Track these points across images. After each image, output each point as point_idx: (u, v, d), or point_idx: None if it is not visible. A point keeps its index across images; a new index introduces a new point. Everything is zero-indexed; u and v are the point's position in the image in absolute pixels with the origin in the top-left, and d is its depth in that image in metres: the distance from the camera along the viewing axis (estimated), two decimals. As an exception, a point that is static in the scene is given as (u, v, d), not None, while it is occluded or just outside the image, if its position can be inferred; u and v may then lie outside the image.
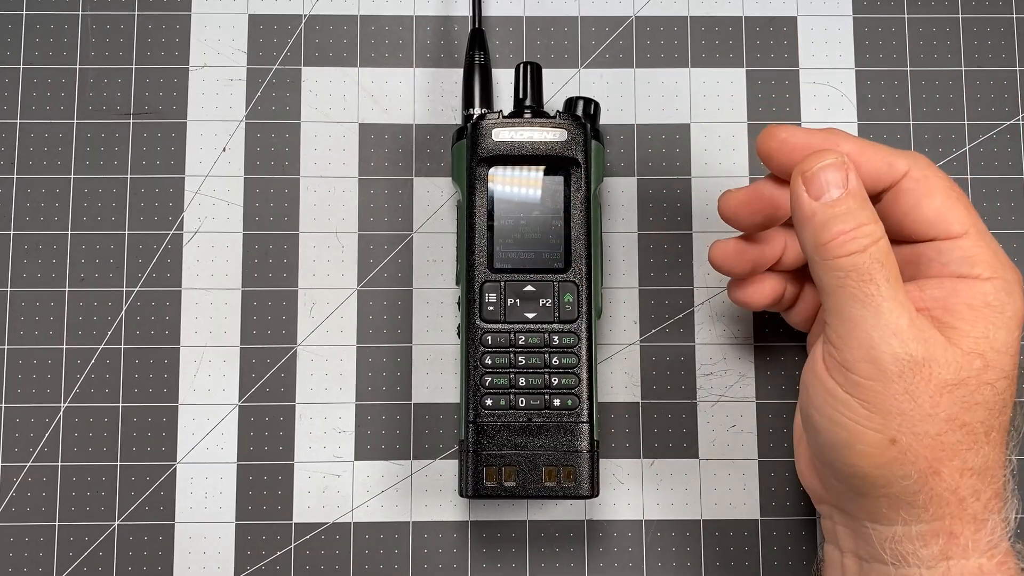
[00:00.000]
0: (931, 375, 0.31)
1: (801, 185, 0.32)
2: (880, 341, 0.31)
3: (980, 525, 0.32)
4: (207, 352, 0.42)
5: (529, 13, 0.44)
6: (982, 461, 0.32)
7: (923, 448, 0.31)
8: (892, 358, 0.31)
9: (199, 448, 0.42)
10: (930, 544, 0.32)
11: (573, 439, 0.37)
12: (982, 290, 0.33)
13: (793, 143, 0.34)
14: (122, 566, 0.41)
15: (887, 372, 0.31)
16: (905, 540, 0.32)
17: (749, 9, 0.45)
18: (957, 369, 0.31)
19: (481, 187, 0.39)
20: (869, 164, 0.34)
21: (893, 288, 0.31)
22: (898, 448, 0.31)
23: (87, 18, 0.44)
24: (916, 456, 0.31)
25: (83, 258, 0.43)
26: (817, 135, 0.34)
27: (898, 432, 0.31)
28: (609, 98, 0.44)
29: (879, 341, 0.31)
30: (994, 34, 0.44)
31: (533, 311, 0.38)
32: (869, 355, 0.31)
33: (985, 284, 0.33)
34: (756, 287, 0.38)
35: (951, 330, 0.32)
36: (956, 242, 0.33)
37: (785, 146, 0.34)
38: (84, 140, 0.43)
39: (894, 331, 0.31)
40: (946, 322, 0.32)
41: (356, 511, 0.41)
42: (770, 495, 0.42)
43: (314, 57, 0.44)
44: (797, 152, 0.34)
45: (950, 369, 0.31)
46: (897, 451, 0.31)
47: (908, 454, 0.31)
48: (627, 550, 0.41)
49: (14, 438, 0.41)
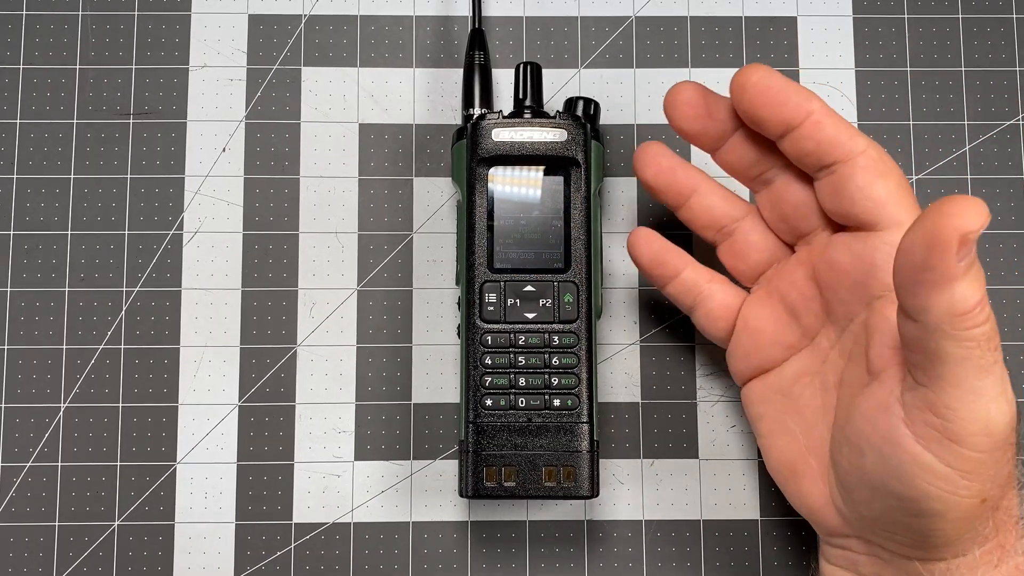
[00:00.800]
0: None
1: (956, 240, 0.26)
2: (997, 412, 0.29)
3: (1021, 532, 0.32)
4: (207, 352, 0.42)
5: (529, 13, 0.44)
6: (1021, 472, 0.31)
7: (999, 489, 0.30)
8: (1008, 426, 0.29)
9: (199, 448, 0.42)
10: (987, 566, 0.31)
11: (573, 439, 0.37)
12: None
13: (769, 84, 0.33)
14: (122, 566, 0.41)
15: (999, 442, 0.29)
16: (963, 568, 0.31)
17: (749, 9, 0.45)
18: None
19: (481, 187, 0.39)
20: (832, 128, 0.32)
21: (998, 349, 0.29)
22: (986, 505, 0.30)
23: (87, 18, 0.44)
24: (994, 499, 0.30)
25: (83, 258, 0.43)
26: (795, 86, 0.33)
27: (989, 490, 0.30)
28: (609, 98, 0.44)
29: (996, 412, 0.29)
30: (994, 34, 0.44)
31: (533, 311, 0.38)
32: (987, 428, 0.29)
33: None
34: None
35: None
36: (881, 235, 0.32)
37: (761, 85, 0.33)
38: (84, 140, 0.43)
39: (1008, 396, 0.29)
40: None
41: (356, 511, 0.41)
42: (770, 495, 0.42)
43: (314, 57, 0.44)
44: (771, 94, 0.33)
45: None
46: (985, 508, 0.30)
47: (991, 503, 0.30)
48: (627, 550, 0.41)
49: (14, 438, 0.41)
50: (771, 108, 0.33)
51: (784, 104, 0.33)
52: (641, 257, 0.38)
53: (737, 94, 0.34)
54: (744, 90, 0.33)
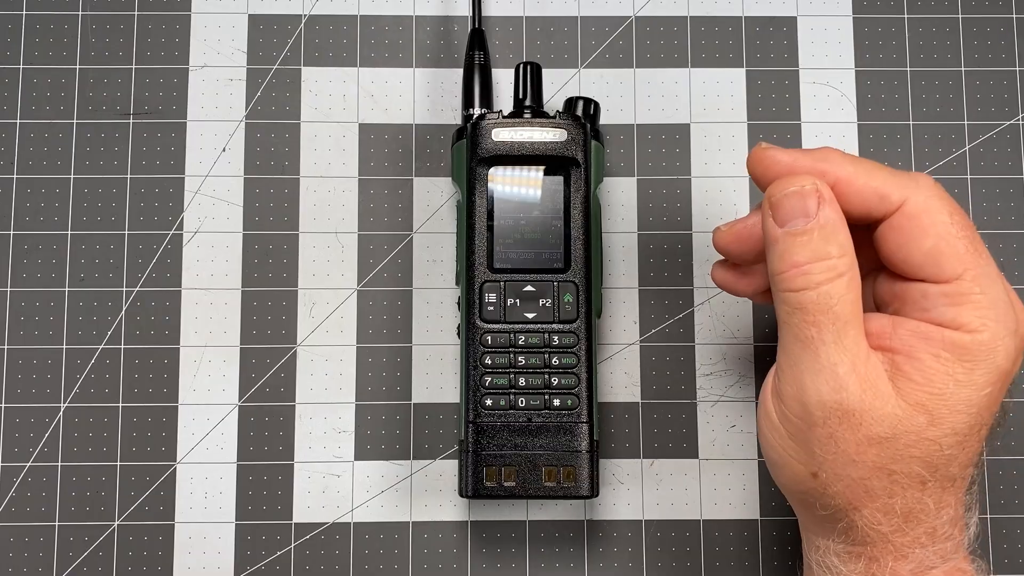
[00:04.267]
0: (860, 425, 0.30)
1: (768, 209, 0.31)
2: (810, 385, 0.30)
3: (903, 555, 0.31)
4: (207, 352, 0.42)
5: (529, 13, 0.44)
6: (910, 506, 0.31)
7: (843, 487, 0.31)
8: (819, 404, 0.30)
9: (199, 448, 0.42)
10: (850, 563, 0.32)
11: (573, 439, 0.37)
12: (957, 342, 0.30)
13: (777, 170, 0.32)
14: (122, 566, 0.41)
15: (812, 416, 0.30)
16: (831, 553, 0.32)
17: (749, 9, 0.45)
18: (893, 424, 0.30)
19: (481, 187, 0.39)
20: (857, 196, 0.31)
21: (839, 331, 0.30)
22: (819, 482, 0.31)
23: (87, 18, 0.44)
24: (836, 492, 0.31)
25: (83, 258, 0.43)
26: (803, 159, 0.32)
27: (819, 468, 0.31)
28: (609, 98, 0.44)
29: (809, 385, 0.30)
30: (994, 34, 0.44)
31: (533, 311, 0.38)
32: (799, 395, 0.31)
33: (964, 337, 0.30)
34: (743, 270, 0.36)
35: (904, 380, 0.30)
36: (943, 287, 0.31)
37: (770, 171, 0.32)
38: (84, 140, 0.43)
39: (827, 378, 0.30)
40: (903, 370, 0.30)
41: (356, 511, 0.41)
42: (770, 495, 0.42)
43: (314, 57, 0.44)
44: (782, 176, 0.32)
45: (884, 424, 0.30)
46: (818, 484, 0.31)
47: (828, 489, 0.31)
48: (627, 550, 0.41)
49: (14, 438, 0.41)
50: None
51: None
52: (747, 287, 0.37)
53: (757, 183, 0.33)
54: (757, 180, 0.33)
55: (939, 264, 0.31)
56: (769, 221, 0.31)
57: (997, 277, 0.31)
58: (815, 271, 0.30)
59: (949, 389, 0.30)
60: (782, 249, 0.31)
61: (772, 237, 0.31)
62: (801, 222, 0.30)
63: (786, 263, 0.30)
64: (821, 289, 0.30)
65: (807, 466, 0.31)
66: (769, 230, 0.31)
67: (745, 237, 0.34)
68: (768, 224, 0.31)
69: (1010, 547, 0.41)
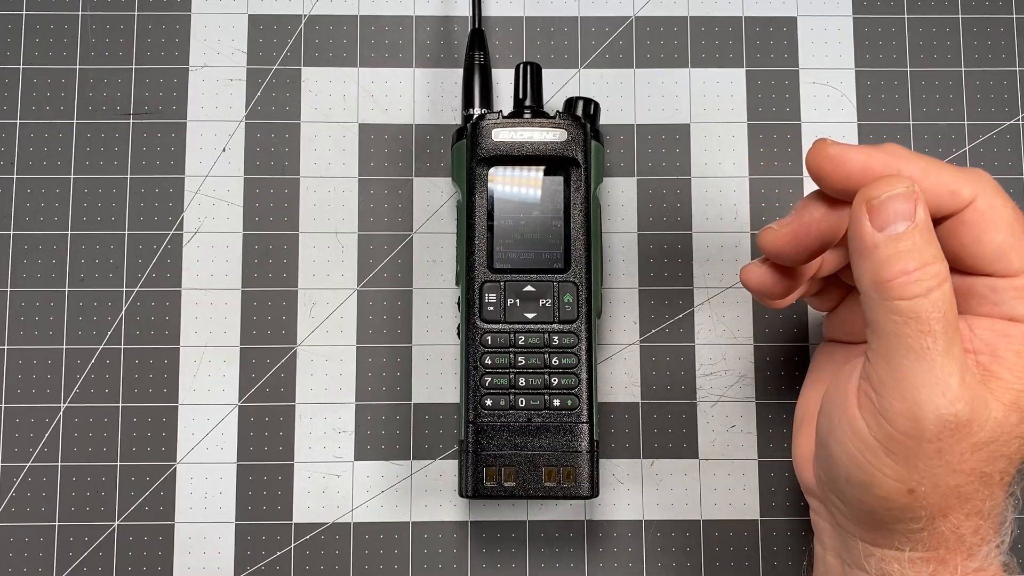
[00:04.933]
0: (968, 435, 0.29)
1: (865, 213, 0.29)
2: (927, 400, 0.29)
3: (972, 554, 0.31)
4: (207, 352, 0.42)
5: (529, 13, 0.44)
6: (991, 505, 0.31)
7: (939, 497, 0.30)
8: (936, 419, 0.29)
9: (199, 448, 0.42)
10: (919, 568, 0.31)
11: (573, 439, 0.37)
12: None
13: (850, 165, 0.31)
14: (122, 566, 0.41)
15: (926, 432, 0.29)
16: (894, 562, 0.31)
17: (749, 9, 0.45)
18: (994, 428, 0.29)
19: (481, 187, 0.39)
20: (931, 191, 0.31)
21: (950, 340, 0.29)
22: (914, 497, 0.30)
23: (87, 18, 0.44)
24: (930, 504, 0.30)
25: (83, 258, 0.43)
26: (877, 156, 0.31)
27: (919, 484, 0.30)
28: (609, 98, 0.44)
29: (926, 400, 0.29)
30: (994, 34, 0.44)
31: (533, 311, 0.38)
32: (912, 412, 0.29)
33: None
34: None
35: (995, 380, 0.30)
36: (1012, 280, 0.31)
37: (841, 169, 0.31)
38: (84, 140, 0.43)
39: (943, 390, 0.29)
40: (992, 370, 0.30)
41: (356, 511, 0.41)
42: (770, 495, 0.42)
43: (314, 57, 0.44)
44: (854, 175, 0.31)
45: (987, 428, 0.29)
46: (912, 499, 0.30)
47: (923, 502, 0.30)
48: (627, 550, 0.41)
49: (14, 438, 0.41)
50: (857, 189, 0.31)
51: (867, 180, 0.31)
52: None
53: (818, 181, 0.32)
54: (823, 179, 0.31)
55: (1008, 258, 0.31)
56: (866, 226, 0.29)
57: None
58: (926, 276, 0.29)
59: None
60: (886, 255, 0.29)
61: (871, 242, 0.29)
62: (903, 224, 0.29)
63: (895, 270, 0.29)
64: (933, 296, 0.29)
65: (904, 483, 0.30)
66: (867, 235, 0.29)
67: (803, 236, 0.32)
68: (866, 229, 0.29)
69: (1011, 547, 0.41)
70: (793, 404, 0.42)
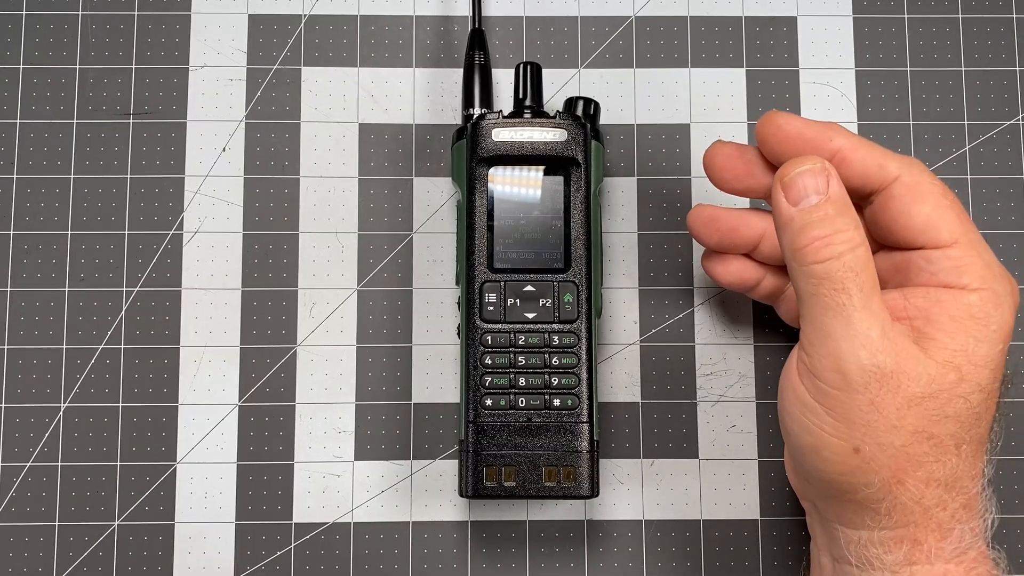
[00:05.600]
0: (899, 387, 0.31)
1: (780, 190, 0.32)
2: (848, 352, 0.31)
3: (946, 533, 0.31)
4: (207, 352, 0.42)
5: (529, 13, 0.44)
6: (949, 473, 0.31)
7: (887, 458, 0.31)
8: (859, 369, 0.31)
9: (199, 448, 0.42)
10: (893, 550, 0.32)
11: (573, 439, 0.37)
12: (967, 301, 0.32)
13: (787, 131, 0.34)
14: (122, 566, 0.41)
15: (853, 383, 0.31)
16: (870, 544, 0.32)
17: (749, 9, 0.45)
18: (928, 382, 0.31)
19: (481, 187, 0.39)
20: (860, 163, 0.33)
21: (866, 297, 0.31)
22: (861, 457, 0.31)
23: (87, 18, 0.44)
24: (880, 466, 0.31)
25: (83, 258, 0.43)
26: (812, 127, 0.34)
27: (862, 442, 0.31)
28: (609, 98, 0.44)
29: (847, 352, 0.31)
30: (994, 34, 0.44)
31: (533, 311, 0.38)
32: (836, 365, 0.31)
33: (971, 295, 0.32)
34: (723, 264, 0.38)
35: (929, 341, 0.32)
36: (945, 251, 0.33)
37: (780, 133, 0.34)
38: (84, 140, 0.43)
39: (863, 342, 0.30)
40: (926, 333, 0.32)
41: (356, 511, 0.41)
42: (770, 495, 0.42)
43: (314, 57, 0.44)
44: (790, 142, 0.33)
45: (920, 382, 0.31)
46: (860, 460, 0.31)
47: (872, 463, 0.31)
48: (627, 550, 0.41)
49: (14, 438, 0.41)
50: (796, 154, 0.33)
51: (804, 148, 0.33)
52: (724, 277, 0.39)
53: (761, 145, 0.35)
54: (764, 141, 0.34)
55: (937, 228, 0.33)
56: (783, 201, 0.32)
57: (985, 243, 0.33)
58: (836, 241, 0.31)
59: (971, 345, 0.31)
60: (800, 225, 0.31)
61: (787, 216, 0.32)
62: (815, 198, 0.31)
63: (808, 237, 0.31)
64: (845, 258, 0.31)
65: (848, 440, 0.31)
66: (783, 209, 0.32)
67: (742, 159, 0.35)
68: (782, 204, 0.32)
69: (1011, 547, 0.41)
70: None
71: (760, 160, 0.35)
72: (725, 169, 0.36)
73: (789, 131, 0.34)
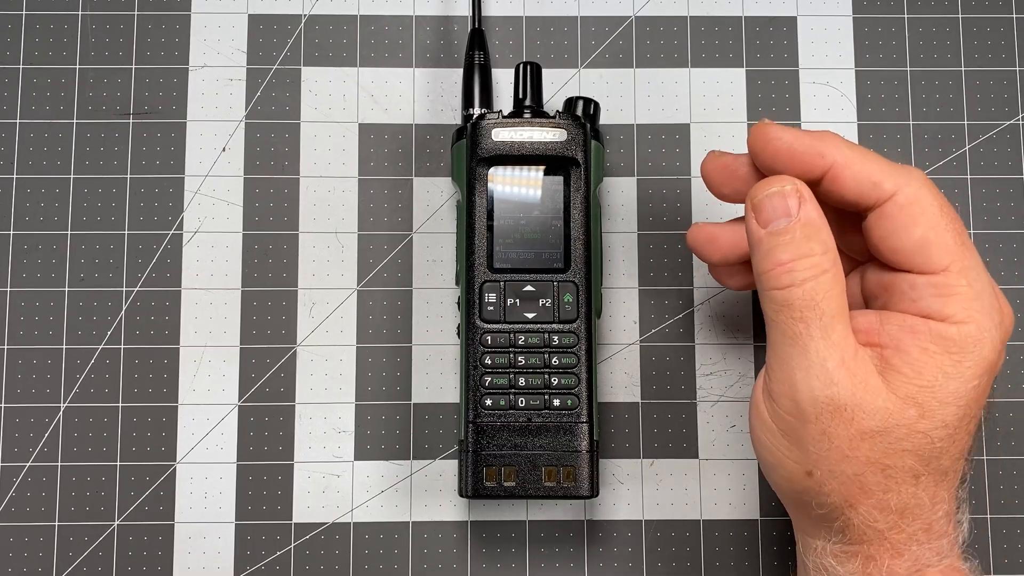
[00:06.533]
0: (852, 420, 0.30)
1: (751, 211, 0.32)
2: (801, 382, 0.30)
3: (901, 552, 0.31)
4: (207, 352, 0.42)
5: (529, 13, 0.44)
6: (905, 501, 0.31)
7: (838, 484, 0.31)
8: (811, 400, 0.30)
9: (199, 448, 0.42)
10: (847, 562, 0.32)
11: (573, 439, 0.37)
12: (944, 333, 0.30)
13: (776, 146, 0.32)
14: (122, 566, 0.41)
15: (805, 412, 0.30)
16: (825, 554, 0.32)
17: (749, 9, 0.45)
18: (884, 417, 0.30)
19: (481, 187, 0.39)
20: (853, 180, 0.32)
21: (826, 326, 0.30)
22: (814, 480, 0.31)
23: (87, 18, 0.44)
24: (831, 490, 0.31)
25: (83, 258, 0.43)
26: (803, 140, 0.32)
27: (815, 466, 0.31)
28: (609, 98, 0.44)
29: (800, 382, 0.30)
30: (994, 34, 0.44)
31: (533, 311, 0.38)
32: (791, 393, 0.31)
33: (950, 328, 0.31)
34: (730, 276, 0.38)
35: (894, 373, 0.31)
36: (930, 278, 0.31)
37: (769, 147, 0.33)
38: (84, 140, 0.43)
39: (817, 373, 0.30)
40: (893, 364, 0.31)
41: (356, 511, 0.41)
42: (770, 495, 0.42)
43: (314, 57, 0.44)
44: (779, 156, 0.32)
45: (876, 417, 0.30)
46: (813, 483, 0.31)
47: (824, 487, 0.31)
48: (627, 550, 0.41)
49: (14, 438, 0.41)
50: (786, 169, 0.32)
51: (792, 164, 0.32)
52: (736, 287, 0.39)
53: (752, 156, 0.34)
54: (755, 154, 0.33)
55: (927, 254, 0.31)
56: (752, 223, 0.32)
57: (982, 270, 0.32)
58: (799, 268, 0.30)
59: (938, 381, 0.30)
60: (766, 248, 0.31)
61: (756, 238, 0.31)
62: (783, 221, 0.31)
63: (771, 261, 0.31)
64: (807, 286, 0.30)
65: (802, 464, 0.31)
66: (753, 231, 0.32)
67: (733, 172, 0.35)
68: (752, 225, 0.32)
69: (1010, 547, 0.41)
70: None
71: (754, 170, 0.34)
72: (721, 182, 0.35)
73: (778, 145, 0.32)
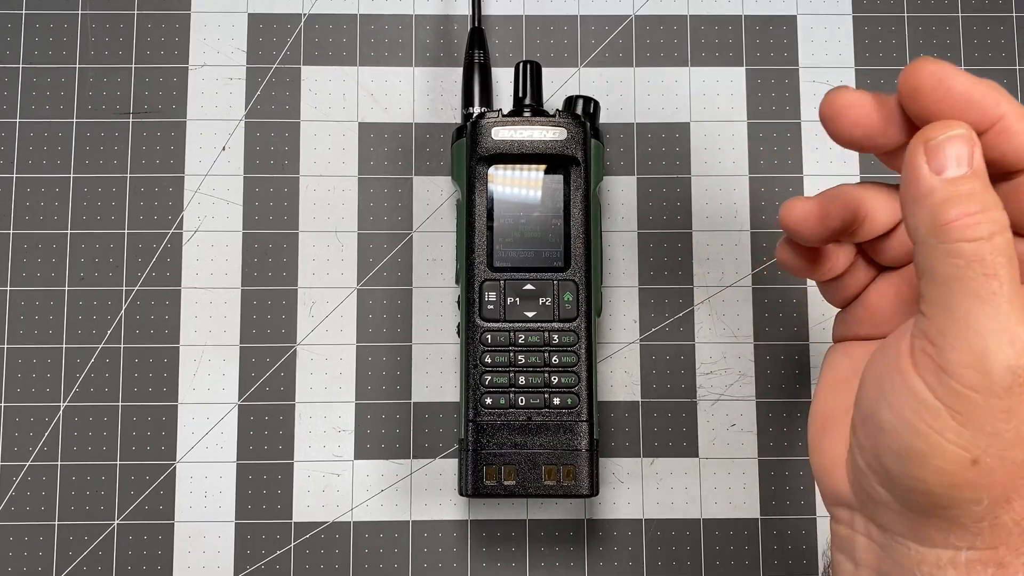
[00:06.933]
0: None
1: (922, 155, 0.27)
2: (995, 348, 0.26)
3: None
4: (207, 351, 0.42)
5: (529, 12, 0.45)
6: None
7: (1005, 474, 0.27)
8: (1006, 370, 0.26)
9: (199, 447, 0.42)
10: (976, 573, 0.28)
11: (573, 438, 0.37)
12: None
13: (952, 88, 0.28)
14: (122, 566, 0.41)
15: (994, 385, 0.27)
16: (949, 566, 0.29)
17: (749, 8, 0.45)
18: None
19: (481, 186, 0.39)
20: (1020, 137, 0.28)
21: (1015, 290, 0.27)
22: (978, 471, 0.27)
23: (87, 18, 0.44)
24: (994, 482, 0.27)
25: (83, 258, 0.43)
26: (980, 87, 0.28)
27: (984, 453, 0.27)
28: (609, 97, 0.44)
29: (994, 348, 0.26)
30: (994, 34, 0.44)
31: (533, 310, 0.38)
32: (979, 362, 0.27)
33: None
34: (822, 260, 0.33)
35: None
36: None
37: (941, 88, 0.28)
38: (84, 139, 0.43)
39: (1012, 339, 0.26)
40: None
41: (356, 510, 0.41)
42: (770, 495, 0.42)
43: (314, 56, 0.44)
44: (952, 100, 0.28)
45: None
46: (975, 474, 0.27)
47: (987, 478, 0.27)
48: (627, 549, 0.41)
49: (14, 437, 0.41)
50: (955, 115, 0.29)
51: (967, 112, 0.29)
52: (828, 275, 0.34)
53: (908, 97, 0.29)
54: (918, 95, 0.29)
55: None
56: (924, 168, 0.27)
57: None
58: (987, 219, 0.27)
59: None
60: (944, 197, 0.27)
61: (927, 186, 0.27)
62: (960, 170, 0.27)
63: (957, 211, 0.27)
64: (995, 240, 0.27)
65: (969, 451, 0.27)
66: (924, 178, 0.27)
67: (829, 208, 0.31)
68: (923, 171, 0.27)
69: None
70: (793, 402, 0.42)
71: (900, 116, 0.30)
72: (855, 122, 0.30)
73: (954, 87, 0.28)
